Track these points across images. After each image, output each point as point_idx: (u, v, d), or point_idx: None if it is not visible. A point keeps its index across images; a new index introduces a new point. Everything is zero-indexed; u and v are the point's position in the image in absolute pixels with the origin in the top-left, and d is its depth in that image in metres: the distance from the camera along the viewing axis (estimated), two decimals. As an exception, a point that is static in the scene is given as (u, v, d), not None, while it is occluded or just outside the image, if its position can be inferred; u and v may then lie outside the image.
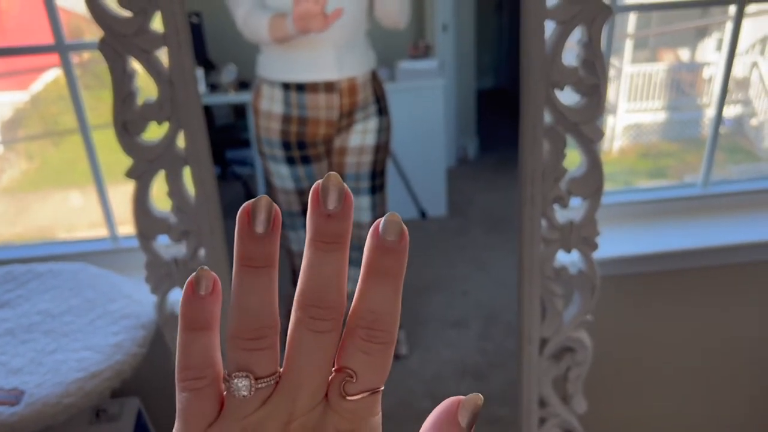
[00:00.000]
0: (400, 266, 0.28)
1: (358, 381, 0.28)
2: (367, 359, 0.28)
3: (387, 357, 0.28)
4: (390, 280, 0.28)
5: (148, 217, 0.96)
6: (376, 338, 0.28)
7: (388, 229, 0.27)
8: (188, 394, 0.28)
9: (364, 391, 0.28)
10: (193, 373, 0.28)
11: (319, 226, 0.27)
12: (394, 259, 0.27)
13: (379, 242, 0.27)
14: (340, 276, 0.28)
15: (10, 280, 1.07)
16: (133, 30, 0.86)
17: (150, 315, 1.03)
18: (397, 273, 0.28)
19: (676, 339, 1.37)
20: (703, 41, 2.29)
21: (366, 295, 0.28)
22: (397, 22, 1.17)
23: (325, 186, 0.27)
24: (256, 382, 0.27)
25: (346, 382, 0.28)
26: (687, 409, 1.46)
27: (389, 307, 0.28)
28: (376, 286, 0.28)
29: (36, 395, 0.86)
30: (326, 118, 1.18)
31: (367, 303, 0.28)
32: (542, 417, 1.18)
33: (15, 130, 1.82)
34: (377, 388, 0.29)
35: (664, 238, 1.28)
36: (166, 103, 0.90)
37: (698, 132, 2.03)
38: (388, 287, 0.28)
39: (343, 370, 0.28)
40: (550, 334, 1.09)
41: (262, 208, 0.27)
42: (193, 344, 0.28)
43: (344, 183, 0.27)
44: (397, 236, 0.27)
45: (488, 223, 1.51)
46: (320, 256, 0.27)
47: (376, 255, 0.27)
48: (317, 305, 0.27)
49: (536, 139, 0.95)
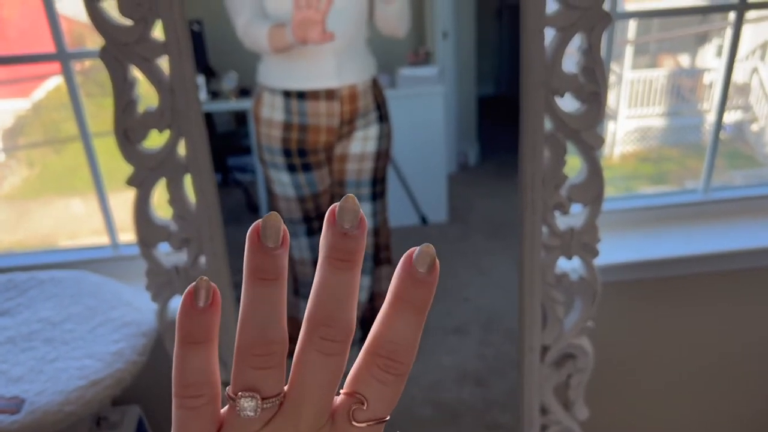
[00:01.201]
0: (428, 299, 0.28)
1: (368, 409, 0.28)
2: (380, 388, 0.28)
3: (399, 388, 0.28)
4: (416, 312, 0.27)
5: (149, 224, 0.96)
6: (394, 369, 0.28)
7: (420, 260, 0.27)
8: (185, 412, 0.27)
9: (373, 419, 0.28)
10: (190, 391, 0.27)
11: (335, 242, 0.27)
12: (422, 292, 0.27)
13: (410, 272, 0.27)
14: (351, 296, 0.27)
15: (11, 287, 1.07)
16: (134, 38, 0.86)
17: (151, 323, 1.03)
18: (423, 306, 0.27)
19: (677, 345, 1.37)
20: (703, 47, 2.30)
21: (388, 324, 0.28)
22: (397, 30, 1.17)
23: (342, 207, 0.27)
24: (263, 402, 0.27)
25: (357, 408, 0.28)
26: (689, 416, 1.46)
27: (411, 339, 0.28)
28: (402, 316, 0.27)
29: (36, 403, 0.86)
30: (327, 125, 1.18)
31: (388, 332, 0.28)
32: (544, 424, 1.17)
33: (16, 137, 1.83)
34: (384, 417, 0.28)
35: (664, 245, 1.28)
36: (167, 111, 0.90)
37: (699, 137, 2.03)
38: (413, 319, 0.27)
39: (355, 395, 0.28)
40: (551, 341, 1.09)
41: (272, 225, 0.26)
42: (192, 359, 0.27)
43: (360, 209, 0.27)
44: (429, 268, 0.27)
45: (489, 230, 1.51)
46: (333, 274, 0.27)
47: (405, 284, 0.27)
48: (327, 324, 0.27)
49: (536, 145, 0.95)
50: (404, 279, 0.27)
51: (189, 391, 0.27)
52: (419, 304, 0.27)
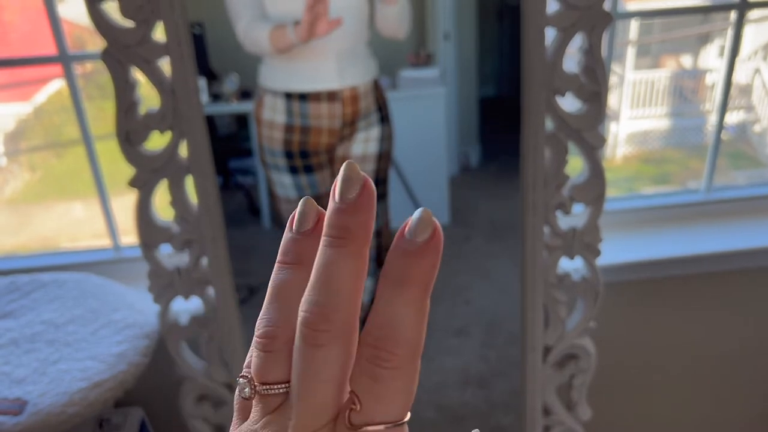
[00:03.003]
0: (426, 273, 0.23)
1: (362, 410, 0.23)
2: (372, 386, 0.23)
3: (401, 385, 0.23)
4: (409, 290, 0.23)
5: (151, 226, 0.97)
6: (383, 361, 0.23)
7: (416, 227, 0.23)
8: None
9: (369, 423, 0.23)
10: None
11: (331, 218, 0.23)
12: (417, 265, 0.23)
13: (402, 243, 0.23)
14: (346, 277, 0.23)
15: (14, 290, 1.07)
16: (136, 40, 0.86)
17: (153, 324, 1.03)
18: (420, 281, 0.23)
19: (679, 345, 1.37)
20: (705, 48, 2.30)
21: (377, 305, 0.23)
22: (397, 32, 1.17)
23: (344, 176, 0.23)
24: (260, 386, 0.25)
25: (351, 410, 0.24)
26: (692, 416, 1.46)
27: (404, 322, 0.23)
28: (392, 295, 0.23)
29: (39, 405, 0.86)
30: (329, 127, 1.18)
31: (377, 316, 0.23)
32: (546, 425, 1.17)
33: (18, 141, 1.83)
34: (392, 421, 0.23)
35: (666, 245, 1.28)
36: (168, 112, 0.90)
37: (701, 138, 2.03)
38: (405, 298, 0.23)
39: (351, 393, 0.24)
40: (553, 342, 1.09)
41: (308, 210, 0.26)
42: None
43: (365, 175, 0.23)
44: (426, 236, 0.23)
45: (491, 232, 1.51)
46: (327, 253, 0.23)
47: (396, 257, 0.23)
48: (310, 311, 0.23)
49: (538, 145, 0.95)
50: (396, 252, 0.23)
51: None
52: (416, 280, 0.23)
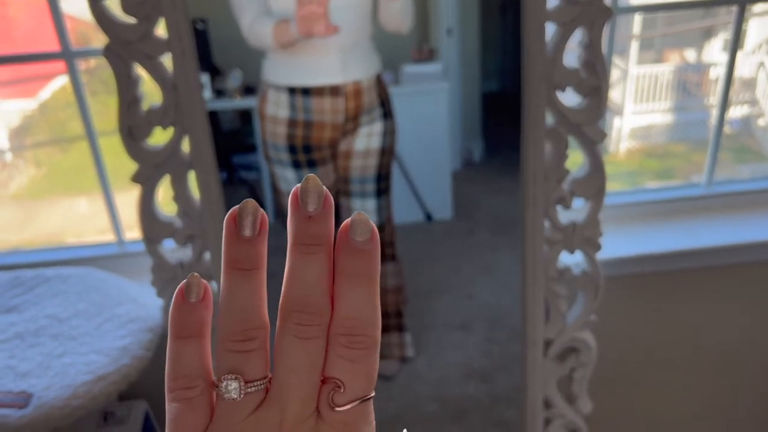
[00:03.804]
0: (373, 267, 0.27)
1: (346, 390, 0.27)
2: (352, 367, 0.27)
3: (372, 362, 0.28)
4: (364, 283, 0.27)
5: (154, 221, 0.97)
6: (358, 344, 0.27)
7: (356, 229, 0.27)
8: (178, 404, 0.27)
9: (354, 400, 0.27)
10: (183, 382, 0.27)
11: (299, 228, 0.27)
12: (365, 261, 0.27)
13: (348, 243, 0.27)
14: (323, 279, 0.27)
15: (18, 285, 1.08)
16: (138, 36, 0.87)
17: (156, 318, 1.04)
18: (370, 274, 0.27)
19: (680, 339, 1.37)
20: (709, 41, 2.29)
21: (341, 300, 0.27)
22: (400, 27, 1.18)
23: (304, 188, 0.27)
24: (246, 385, 0.27)
25: (334, 392, 0.27)
26: (693, 409, 1.46)
27: (366, 310, 0.27)
28: (351, 289, 0.27)
29: (44, 398, 0.87)
30: (332, 121, 1.18)
31: (343, 309, 0.27)
32: (547, 418, 1.17)
33: (23, 137, 1.84)
34: (367, 395, 0.28)
35: (668, 239, 1.28)
36: (171, 108, 0.91)
37: (705, 132, 2.03)
38: (363, 290, 0.27)
39: (330, 380, 0.27)
40: (554, 335, 1.09)
41: (248, 212, 0.27)
42: (184, 352, 0.27)
43: (324, 186, 0.27)
44: (367, 236, 0.27)
45: (494, 226, 1.51)
46: (302, 259, 0.27)
47: (346, 257, 0.27)
48: (301, 310, 0.27)
49: (538, 140, 0.96)
50: (344, 252, 0.27)
51: (182, 383, 0.27)
52: (366, 273, 0.27)
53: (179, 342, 0.27)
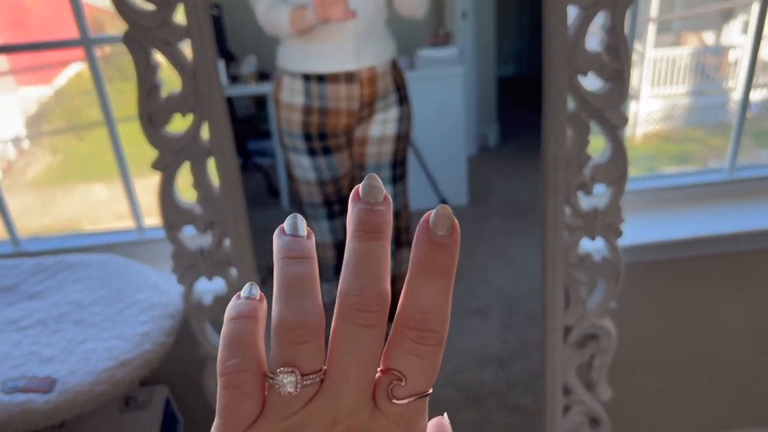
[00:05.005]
0: (451, 262, 0.26)
1: (407, 384, 0.27)
2: (417, 361, 0.27)
3: (437, 359, 0.27)
4: (440, 278, 0.26)
5: (174, 208, 0.98)
6: (427, 339, 0.26)
7: (438, 222, 0.26)
8: (231, 391, 0.26)
9: (414, 394, 0.27)
10: (236, 365, 0.26)
11: (362, 216, 0.27)
12: (444, 255, 0.26)
13: (429, 237, 0.26)
14: (382, 266, 0.26)
15: (41, 271, 1.09)
16: (157, 23, 0.86)
17: (177, 305, 1.04)
18: (447, 270, 0.26)
19: (701, 325, 1.36)
20: (728, 24, 2.25)
21: (415, 293, 0.27)
22: (416, 11, 1.16)
23: (367, 184, 0.27)
24: (302, 378, 0.26)
25: (395, 385, 0.27)
26: (713, 397, 1.45)
27: (440, 306, 0.26)
28: (426, 284, 0.26)
29: (68, 383, 0.88)
30: (347, 108, 1.18)
31: (416, 302, 0.26)
32: (566, 404, 1.17)
33: (40, 124, 1.85)
34: (426, 391, 0.27)
35: (689, 224, 1.26)
36: (190, 95, 0.91)
37: (724, 117, 2.00)
38: (439, 285, 0.26)
39: (391, 371, 0.27)
40: (574, 322, 1.09)
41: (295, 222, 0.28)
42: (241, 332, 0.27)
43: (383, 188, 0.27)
44: (448, 230, 0.26)
45: (510, 212, 1.50)
46: (363, 245, 0.26)
47: (425, 250, 0.26)
48: (360, 295, 0.26)
49: (559, 125, 0.95)
50: (423, 245, 0.26)
51: (234, 365, 0.26)
52: (443, 268, 0.26)
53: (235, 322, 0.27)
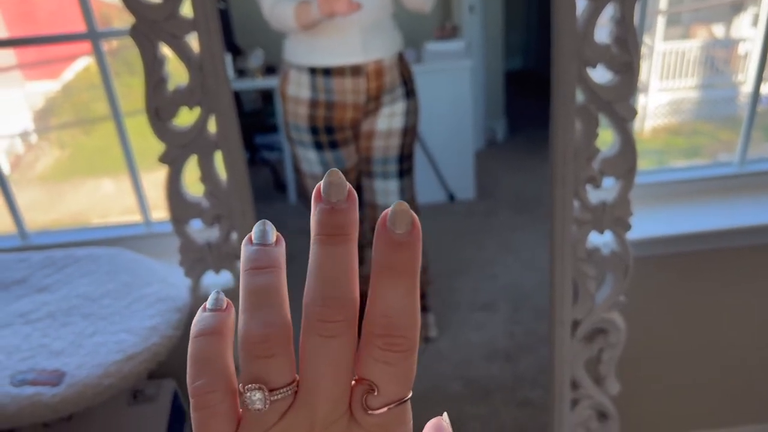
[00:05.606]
0: (413, 261, 0.25)
1: (381, 393, 0.25)
2: (388, 370, 0.25)
3: (410, 365, 0.26)
4: (402, 279, 0.25)
5: (181, 201, 0.98)
6: (395, 346, 0.25)
7: (396, 220, 0.24)
8: (201, 413, 0.26)
9: (389, 404, 0.26)
10: (204, 386, 0.25)
11: (323, 218, 0.25)
12: (405, 254, 0.25)
13: (387, 236, 0.25)
14: (348, 272, 0.25)
15: (50, 264, 1.10)
16: (164, 16, 0.86)
17: (184, 298, 1.04)
18: (409, 269, 0.25)
19: (710, 320, 1.35)
20: (738, 16, 2.23)
21: (378, 297, 0.25)
22: (423, 6, 1.16)
23: (327, 182, 0.25)
24: (270, 393, 0.25)
25: (368, 395, 0.26)
26: (722, 392, 1.45)
27: (405, 308, 0.25)
28: (388, 285, 0.25)
29: (77, 376, 0.88)
30: (353, 102, 1.17)
31: (380, 307, 0.25)
32: (574, 399, 1.17)
33: (47, 119, 1.85)
34: (402, 398, 0.26)
35: (699, 218, 1.26)
36: (197, 88, 0.91)
37: (733, 110, 1.98)
38: (401, 287, 0.25)
39: (363, 381, 0.26)
40: (582, 316, 1.09)
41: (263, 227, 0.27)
42: (206, 350, 0.26)
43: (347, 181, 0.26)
44: (408, 227, 0.24)
45: (517, 206, 1.50)
46: (325, 251, 0.25)
47: (385, 251, 0.25)
48: (324, 305, 0.25)
49: (568, 118, 0.94)
50: (383, 245, 0.25)
51: (204, 386, 0.25)
52: (405, 268, 0.25)
53: (201, 339, 0.26)
